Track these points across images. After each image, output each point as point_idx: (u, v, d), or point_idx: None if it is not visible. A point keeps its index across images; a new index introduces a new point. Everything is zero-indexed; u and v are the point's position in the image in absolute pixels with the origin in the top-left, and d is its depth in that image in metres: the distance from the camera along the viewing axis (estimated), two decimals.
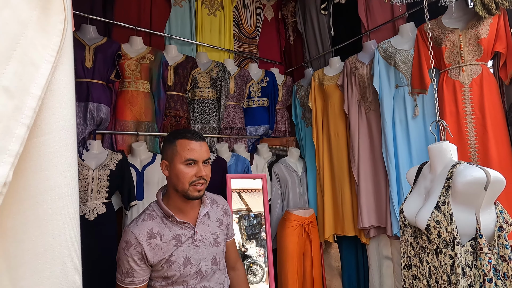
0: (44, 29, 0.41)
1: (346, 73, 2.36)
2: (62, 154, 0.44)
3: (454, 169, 0.90)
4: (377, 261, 2.23)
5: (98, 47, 2.00)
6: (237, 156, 2.45)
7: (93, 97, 1.92)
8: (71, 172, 0.46)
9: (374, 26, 2.37)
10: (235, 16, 3.03)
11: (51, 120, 0.43)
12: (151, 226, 1.05)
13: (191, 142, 1.07)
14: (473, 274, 0.82)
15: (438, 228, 0.87)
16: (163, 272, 1.04)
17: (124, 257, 1.02)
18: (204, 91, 2.53)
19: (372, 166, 2.18)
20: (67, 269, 0.44)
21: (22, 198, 0.40)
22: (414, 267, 0.98)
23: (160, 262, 1.03)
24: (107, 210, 1.84)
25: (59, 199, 0.43)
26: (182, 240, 1.07)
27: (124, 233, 1.06)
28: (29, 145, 0.40)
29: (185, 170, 1.05)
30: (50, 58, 0.41)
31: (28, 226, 0.40)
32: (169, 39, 2.59)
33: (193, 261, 1.07)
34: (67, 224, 0.44)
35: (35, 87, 0.38)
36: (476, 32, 1.67)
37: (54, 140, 0.43)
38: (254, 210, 2.22)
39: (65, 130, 0.46)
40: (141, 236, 1.02)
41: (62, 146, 0.44)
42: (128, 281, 1.02)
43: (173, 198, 1.11)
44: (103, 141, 2.05)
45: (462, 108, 1.72)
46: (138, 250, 1.01)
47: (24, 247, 0.40)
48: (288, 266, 2.19)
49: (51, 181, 0.43)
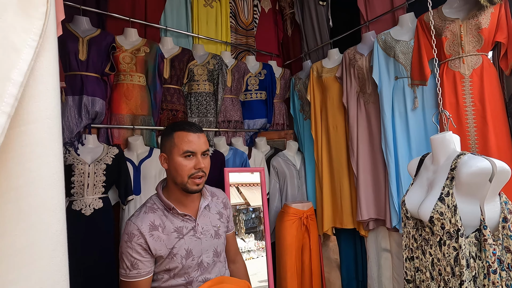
0: (25, 12, 0.38)
1: (345, 65, 2.33)
2: (46, 144, 0.42)
3: (458, 160, 0.89)
4: (376, 253, 2.24)
5: (91, 39, 1.95)
6: (235, 149, 2.43)
7: (88, 90, 1.88)
8: (56, 163, 0.44)
9: (373, 16, 2.34)
10: (232, 7, 2.98)
11: (34, 109, 0.41)
12: (153, 218, 1.04)
13: (189, 134, 1.06)
14: (477, 265, 0.81)
15: (441, 220, 0.85)
16: (165, 264, 1.03)
17: (127, 250, 1.00)
18: (201, 84, 2.50)
19: (371, 159, 2.17)
20: (53, 263, 0.43)
21: (3, 191, 0.38)
22: (417, 259, 0.97)
23: (162, 254, 1.02)
24: (104, 205, 1.82)
25: (43, 191, 0.41)
26: (184, 232, 1.06)
27: (126, 225, 1.04)
28: (11, 135, 0.38)
29: (184, 162, 1.04)
30: (33, 43, 0.39)
31: (10, 219, 0.38)
32: (164, 31, 2.54)
33: (194, 253, 1.07)
34: (53, 217, 0.42)
35: (17, 73, 0.36)
36: (477, 22, 1.65)
37: (38, 130, 0.41)
38: (252, 204, 2.21)
39: (50, 120, 0.43)
40: (144, 227, 1.01)
41: (46, 136, 0.42)
42: (133, 274, 1.00)
43: (173, 191, 1.10)
44: (98, 135, 2.02)
45: (462, 99, 1.70)
46: (141, 241, 1.00)
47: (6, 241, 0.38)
48: (287, 259, 2.19)
49: (35, 172, 0.41)
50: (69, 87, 1.84)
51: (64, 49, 1.82)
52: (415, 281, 0.98)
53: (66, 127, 1.82)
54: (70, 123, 1.84)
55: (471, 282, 0.78)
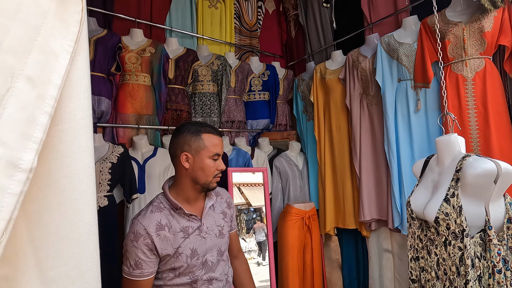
0: (62, 19, 0.41)
1: (348, 66, 2.35)
2: (80, 142, 0.45)
3: (464, 162, 0.91)
4: (377, 254, 2.25)
5: (98, 39, 1.97)
6: (237, 149, 2.44)
7: (94, 90, 1.90)
8: (89, 160, 0.47)
9: (377, 19, 2.36)
10: (236, 9, 3.00)
11: (69, 109, 0.44)
12: (159, 218, 1.05)
13: (216, 137, 1.12)
14: (482, 265, 0.82)
15: (447, 221, 0.87)
16: (171, 263, 1.05)
17: (133, 249, 1.01)
18: (205, 84, 2.51)
19: (373, 160, 2.19)
20: (87, 251, 0.46)
21: (45, 184, 0.41)
22: (422, 259, 0.99)
23: (168, 253, 1.03)
24: (109, 203, 1.83)
25: (78, 185, 0.45)
26: (190, 232, 1.08)
27: (132, 225, 1.05)
28: (50, 133, 0.41)
29: (211, 163, 1.09)
30: (69, 48, 0.42)
31: (51, 210, 0.42)
32: (169, 32, 2.55)
33: (199, 253, 1.08)
34: (86, 209, 0.46)
35: (56, 77, 0.39)
36: (480, 25, 1.67)
37: (73, 129, 0.44)
38: (253, 204, 2.23)
39: (83, 120, 0.46)
40: (150, 227, 1.02)
41: (80, 134, 0.45)
42: (136, 273, 1.01)
43: (186, 189, 1.11)
44: (104, 134, 2.04)
45: (465, 102, 1.72)
46: (147, 241, 1.01)
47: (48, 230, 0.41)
48: (289, 259, 2.20)
49: (71, 167, 0.44)
50: None
51: None
52: (420, 281, 1.00)
53: None
54: None
55: (476, 281, 0.80)
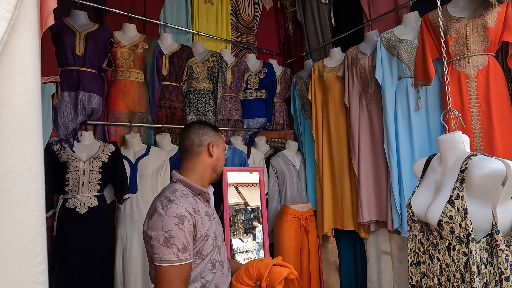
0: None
1: (347, 64, 2.29)
2: (23, 132, 0.37)
3: (469, 161, 0.85)
4: (376, 256, 2.20)
5: (89, 34, 1.90)
6: (233, 149, 2.39)
7: (84, 86, 1.84)
8: (35, 154, 0.38)
9: (376, 15, 2.31)
10: (233, 5, 2.94)
11: (7, 90, 0.36)
12: (191, 201, 1.06)
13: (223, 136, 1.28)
14: (488, 272, 0.77)
15: (451, 224, 0.81)
16: (199, 246, 1.04)
17: (179, 233, 0.97)
18: (200, 81, 2.46)
19: (373, 160, 2.14)
20: (27, 269, 0.37)
21: None
22: (423, 264, 0.93)
23: (202, 235, 1.04)
24: (99, 203, 1.78)
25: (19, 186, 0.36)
26: (211, 216, 1.12)
27: (171, 209, 0.99)
28: None
29: (224, 157, 1.24)
30: (6, 14, 0.34)
31: None
32: (163, 27, 2.49)
33: (218, 237, 1.14)
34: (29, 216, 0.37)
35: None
36: (483, 21, 1.61)
37: (12, 115, 0.36)
38: (251, 204, 2.18)
39: (27, 105, 0.37)
40: (191, 209, 1.02)
41: (23, 123, 0.37)
42: (185, 256, 0.98)
43: (204, 178, 1.17)
44: (95, 132, 1.98)
45: (467, 100, 1.67)
46: (191, 222, 1.00)
47: None
48: (285, 261, 2.14)
49: (9, 164, 0.35)
50: (65, 83, 1.79)
51: (60, 44, 1.78)
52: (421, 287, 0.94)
53: (61, 123, 1.78)
54: (66, 119, 1.79)
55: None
